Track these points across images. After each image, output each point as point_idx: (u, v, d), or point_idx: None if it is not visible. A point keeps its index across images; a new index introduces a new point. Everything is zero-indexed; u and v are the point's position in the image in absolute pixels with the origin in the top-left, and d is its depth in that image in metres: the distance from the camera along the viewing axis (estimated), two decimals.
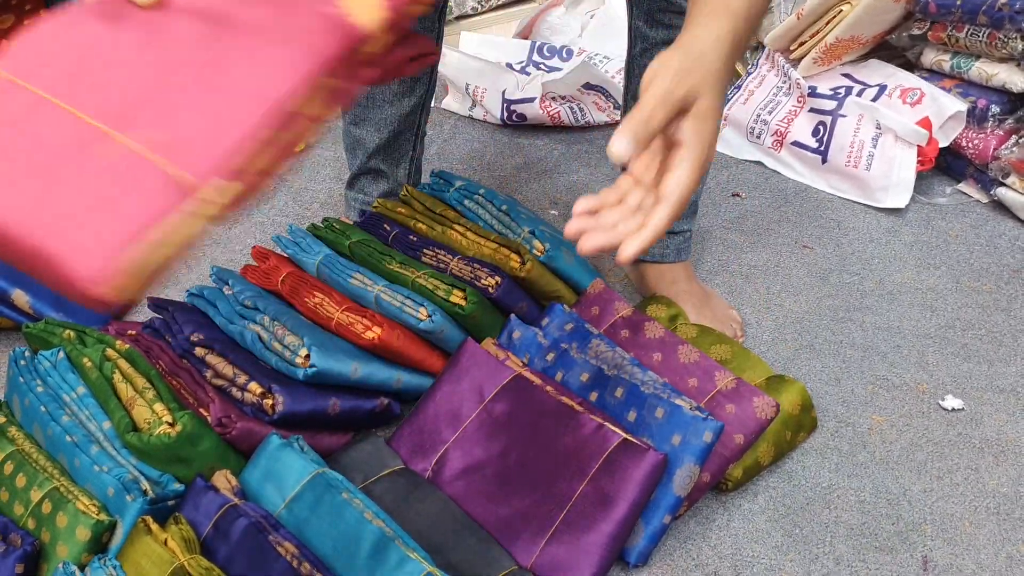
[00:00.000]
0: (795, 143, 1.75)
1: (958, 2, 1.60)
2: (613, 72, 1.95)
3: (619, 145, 0.69)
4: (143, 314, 1.44)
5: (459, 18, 2.19)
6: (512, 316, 1.28)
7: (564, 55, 2.04)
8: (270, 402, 1.09)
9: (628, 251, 0.70)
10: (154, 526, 0.95)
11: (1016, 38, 1.54)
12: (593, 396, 1.15)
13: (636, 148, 0.69)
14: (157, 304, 1.26)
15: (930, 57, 1.72)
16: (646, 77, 0.72)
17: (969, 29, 1.61)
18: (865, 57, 1.82)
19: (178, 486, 1.02)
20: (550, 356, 1.22)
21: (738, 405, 1.15)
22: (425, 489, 1.11)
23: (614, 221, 0.72)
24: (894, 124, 1.63)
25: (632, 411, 1.12)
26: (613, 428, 1.08)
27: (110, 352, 1.12)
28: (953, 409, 1.28)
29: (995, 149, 1.61)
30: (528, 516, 1.07)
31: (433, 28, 1.38)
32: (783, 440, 1.19)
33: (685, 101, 0.71)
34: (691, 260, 1.44)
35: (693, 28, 0.75)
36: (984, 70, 1.63)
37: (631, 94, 1.33)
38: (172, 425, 1.01)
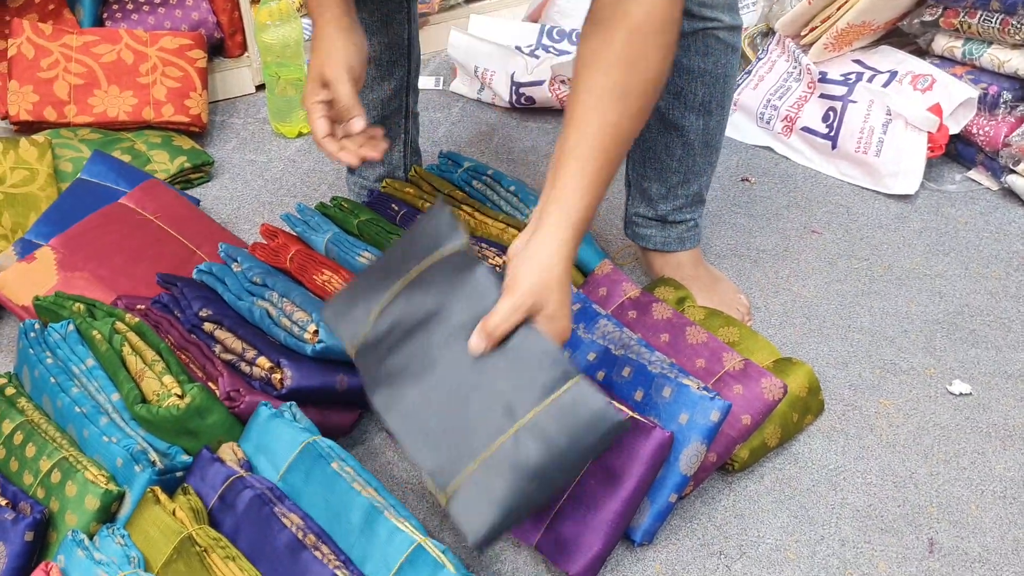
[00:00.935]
0: (805, 128, 1.74)
1: None
2: None
3: (476, 345, 0.91)
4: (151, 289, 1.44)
5: (468, 1, 2.18)
6: None
7: (573, 38, 2.03)
8: (279, 376, 1.09)
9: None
10: (162, 496, 0.96)
11: None
12: (600, 375, 1.15)
13: (490, 348, 0.91)
14: (166, 280, 1.26)
15: (942, 43, 1.71)
16: (506, 281, 0.91)
17: (982, 15, 1.61)
18: (876, 43, 1.82)
19: (186, 458, 1.02)
20: None
21: (746, 386, 1.14)
22: None
23: None
24: (904, 110, 1.63)
25: (639, 390, 1.12)
26: (619, 406, 1.08)
27: (119, 325, 1.12)
28: (961, 394, 1.28)
29: (1006, 136, 1.61)
30: None
31: (402, 8, 1.39)
32: (790, 422, 1.19)
33: (533, 309, 0.91)
34: (700, 244, 1.44)
35: (541, 235, 0.92)
36: (996, 56, 1.62)
37: None
38: (181, 397, 1.02)
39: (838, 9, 1.72)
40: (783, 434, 1.19)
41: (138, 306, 1.23)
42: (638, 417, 1.06)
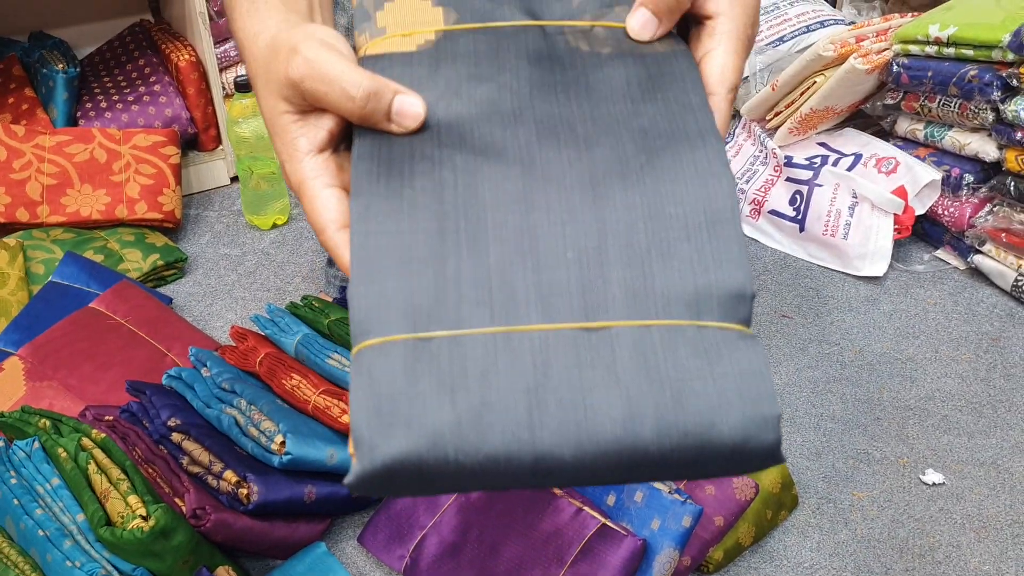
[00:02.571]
0: (773, 212, 1.76)
1: (929, 74, 1.62)
2: None
3: (636, 20, 0.58)
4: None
5: None
6: None
7: None
8: (245, 491, 1.08)
9: None
10: None
11: (986, 109, 1.56)
12: None
13: (658, 25, 0.58)
14: (135, 387, 1.25)
15: (904, 126, 1.74)
16: None
17: (941, 99, 1.64)
18: (841, 125, 1.85)
19: None
20: None
21: (718, 486, 1.14)
22: None
23: None
24: (870, 193, 1.65)
25: (611, 495, 1.11)
26: (591, 513, 1.07)
27: (85, 442, 1.11)
28: (934, 483, 1.28)
29: (971, 217, 1.63)
30: None
31: None
32: (764, 519, 1.19)
33: None
34: None
35: None
36: (957, 139, 1.65)
37: None
38: (146, 519, 1.00)
39: (801, 95, 1.75)
40: (757, 532, 1.18)
41: (106, 417, 1.22)
42: (610, 524, 1.05)
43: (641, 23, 0.58)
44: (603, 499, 1.12)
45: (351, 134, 0.56)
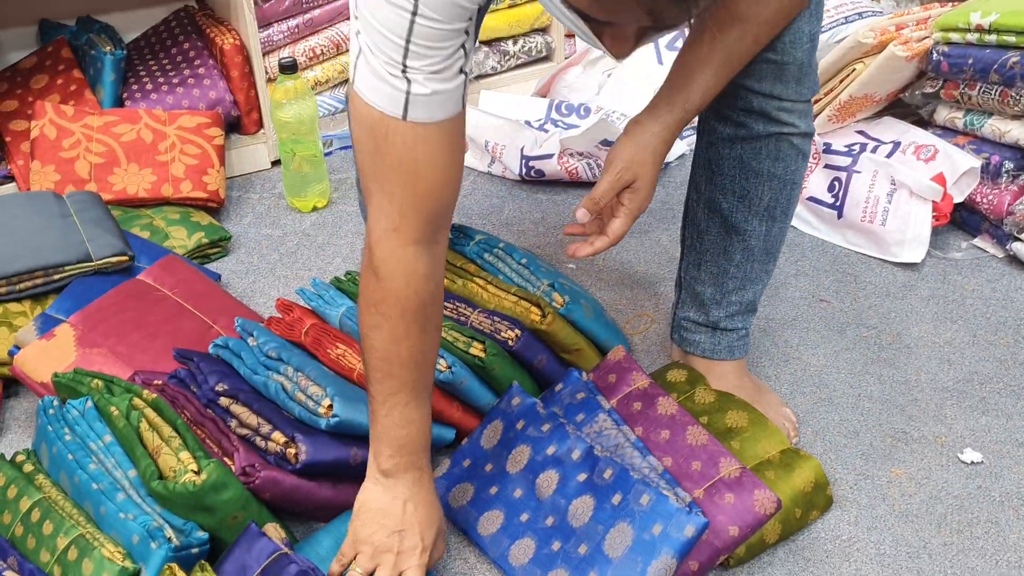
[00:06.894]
0: (811, 198, 1.77)
1: (970, 61, 1.63)
2: None
3: (580, 214, 1.14)
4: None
5: (479, 77, 2.23)
6: (514, 383, 1.27)
7: (582, 112, 2.08)
8: (293, 451, 1.10)
9: (579, 253, 1.15)
10: (180, 573, 0.96)
11: None
12: (582, 477, 1.14)
13: (592, 215, 1.14)
14: (183, 355, 1.28)
15: (943, 114, 1.75)
16: (606, 161, 1.13)
17: (981, 87, 1.64)
18: (879, 114, 1.85)
19: (202, 534, 1.03)
20: (545, 427, 1.21)
21: (738, 495, 1.11)
22: None
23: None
24: (909, 180, 1.65)
25: (617, 494, 1.10)
26: None
27: (137, 401, 1.14)
28: (972, 462, 1.28)
29: (1009, 205, 1.63)
30: None
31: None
32: (792, 518, 1.16)
33: (628, 183, 1.12)
34: (747, 355, 1.38)
35: (647, 118, 1.11)
36: (997, 127, 1.65)
37: (693, 183, 1.30)
38: (198, 473, 1.03)
39: (840, 82, 1.76)
40: (784, 530, 1.16)
41: (155, 381, 1.25)
42: None
43: (579, 215, 1.15)
44: (609, 496, 1.11)
45: None
